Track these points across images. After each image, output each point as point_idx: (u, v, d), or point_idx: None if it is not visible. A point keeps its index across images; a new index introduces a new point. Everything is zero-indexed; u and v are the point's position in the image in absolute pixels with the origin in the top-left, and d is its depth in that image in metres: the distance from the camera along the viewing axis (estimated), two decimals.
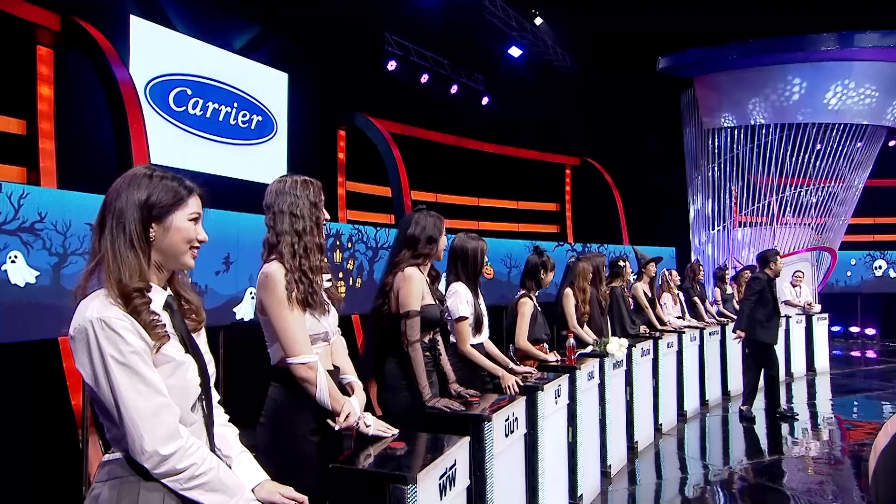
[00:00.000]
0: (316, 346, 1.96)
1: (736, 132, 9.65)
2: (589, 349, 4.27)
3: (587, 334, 4.48)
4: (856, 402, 6.90)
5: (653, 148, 11.17)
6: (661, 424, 5.28)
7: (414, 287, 2.38)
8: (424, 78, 9.49)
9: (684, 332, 5.95)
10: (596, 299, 4.79)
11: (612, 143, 11.49)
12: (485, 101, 10.68)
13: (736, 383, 6.99)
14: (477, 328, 3.10)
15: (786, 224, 10.02)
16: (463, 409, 2.39)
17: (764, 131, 9.43)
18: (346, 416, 1.89)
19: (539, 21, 10.57)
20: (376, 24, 8.97)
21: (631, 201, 11.37)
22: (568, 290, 4.55)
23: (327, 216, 2.06)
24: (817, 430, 5.78)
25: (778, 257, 5.84)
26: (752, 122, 9.37)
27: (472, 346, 3.08)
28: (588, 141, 11.67)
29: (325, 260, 2.03)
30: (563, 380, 3.41)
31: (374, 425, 1.98)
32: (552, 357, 3.79)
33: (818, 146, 9.48)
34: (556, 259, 5.03)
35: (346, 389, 2.07)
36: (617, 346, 4.17)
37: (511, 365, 3.29)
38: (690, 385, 5.97)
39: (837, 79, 8.66)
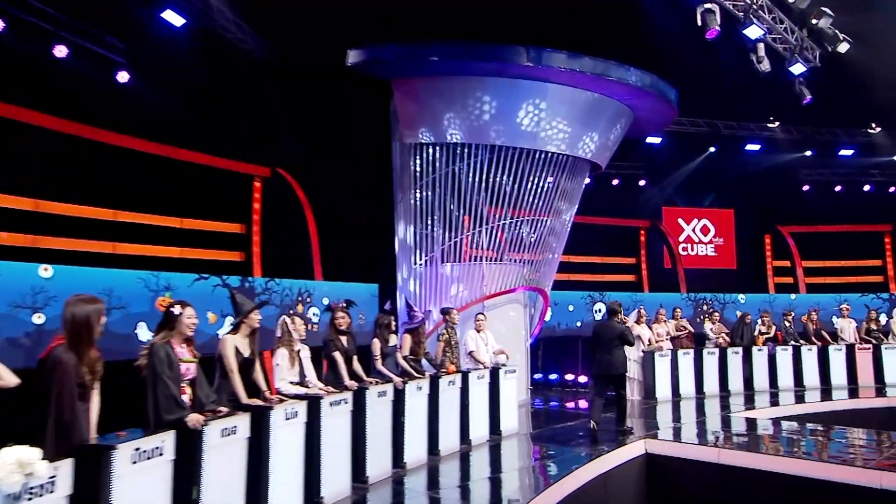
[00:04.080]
0: None
1: (437, 150, 9.11)
2: None
3: None
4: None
5: (359, 162, 10.27)
6: None
7: None
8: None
9: (273, 408, 4.63)
10: None
11: (311, 152, 10.32)
12: (123, 77, 8.65)
13: (381, 465, 5.92)
14: None
15: (494, 260, 9.73)
16: None
17: (464, 151, 9.03)
18: None
19: None
20: None
21: (330, 227, 10.25)
22: None
23: None
24: None
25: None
26: (449, 140, 8.90)
27: None
28: (283, 148, 10.33)
29: None
30: None
31: None
32: None
33: (533, 176, 9.40)
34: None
35: None
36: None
37: None
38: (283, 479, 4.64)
39: (530, 97, 8.61)
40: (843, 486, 5.76)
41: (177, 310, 4.30)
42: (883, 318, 12.58)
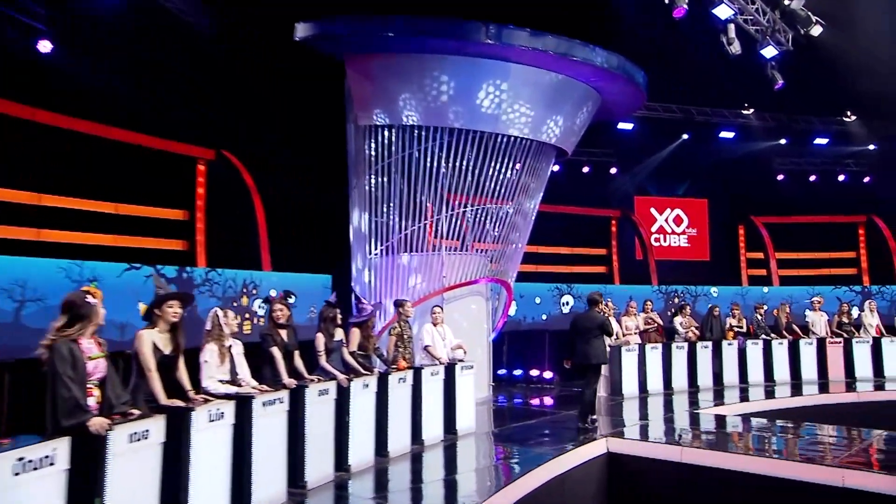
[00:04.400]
0: None
1: (393, 133, 8.86)
2: None
3: None
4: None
5: (311, 145, 9.95)
6: None
7: None
8: None
9: (193, 409, 4.37)
10: None
11: (260, 134, 9.98)
12: (44, 47, 8.19)
13: (322, 469, 5.70)
14: None
15: (454, 250, 9.54)
16: None
17: (421, 134, 8.79)
18: None
19: None
20: None
21: (279, 214, 9.93)
22: None
23: None
24: None
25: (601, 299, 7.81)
26: (405, 122, 8.65)
27: None
28: (229, 128, 9.97)
29: None
30: None
31: None
32: None
33: (495, 161, 9.21)
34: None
35: None
36: None
37: None
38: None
39: (490, 78, 8.41)
40: (806, 485, 5.73)
41: (91, 299, 4.01)
42: (855, 312, 12.74)
